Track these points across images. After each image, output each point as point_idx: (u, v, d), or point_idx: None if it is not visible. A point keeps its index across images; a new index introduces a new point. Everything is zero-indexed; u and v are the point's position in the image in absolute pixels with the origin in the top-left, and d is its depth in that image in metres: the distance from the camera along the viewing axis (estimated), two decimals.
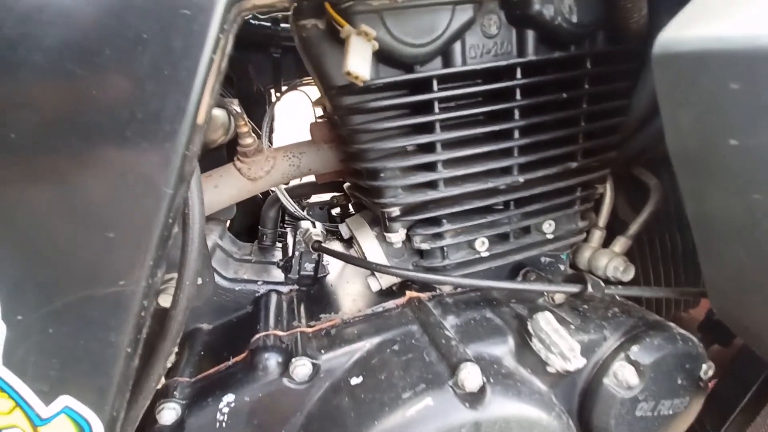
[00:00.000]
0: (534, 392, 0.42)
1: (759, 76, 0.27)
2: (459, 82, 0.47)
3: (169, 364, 0.40)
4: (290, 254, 0.65)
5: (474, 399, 0.39)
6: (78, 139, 0.26)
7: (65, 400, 0.30)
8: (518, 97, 0.47)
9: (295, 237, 0.67)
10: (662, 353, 0.47)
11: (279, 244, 0.78)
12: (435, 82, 0.44)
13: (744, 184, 0.32)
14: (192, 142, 0.28)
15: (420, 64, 0.45)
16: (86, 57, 0.25)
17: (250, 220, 0.95)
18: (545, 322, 0.44)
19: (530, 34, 0.47)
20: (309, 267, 0.64)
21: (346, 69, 0.36)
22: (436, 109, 0.45)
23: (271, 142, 0.90)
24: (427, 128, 0.46)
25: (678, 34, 0.31)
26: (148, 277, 0.29)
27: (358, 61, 0.37)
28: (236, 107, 0.54)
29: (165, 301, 0.46)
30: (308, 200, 0.99)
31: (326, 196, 0.95)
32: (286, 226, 0.90)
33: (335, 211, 0.97)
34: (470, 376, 0.38)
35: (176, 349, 0.42)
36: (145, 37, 0.25)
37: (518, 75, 0.46)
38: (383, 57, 0.44)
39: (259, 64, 0.86)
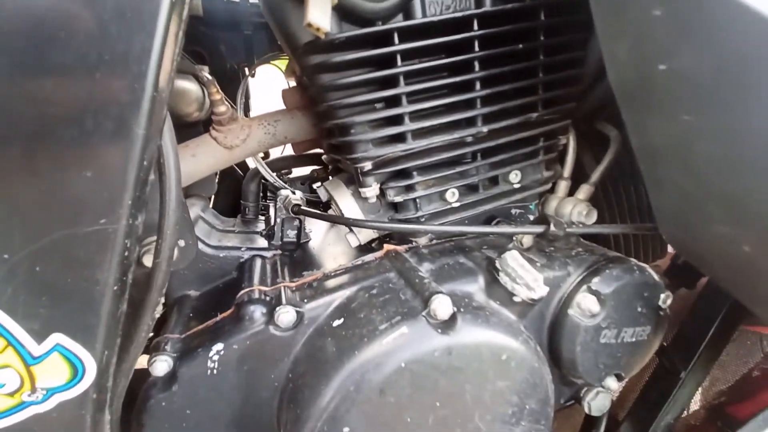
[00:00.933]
0: (502, 320, 0.45)
1: (676, 0, 0.30)
2: (420, 37, 0.49)
3: (157, 315, 0.42)
4: (273, 223, 0.67)
5: (446, 326, 0.42)
6: (51, 81, 0.27)
7: (57, 338, 0.32)
8: (476, 48, 0.49)
9: (276, 206, 0.69)
10: (621, 282, 0.51)
11: (262, 218, 0.79)
12: (396, 36, 0.46)
13: (675, 107, 0.35)
14: (159, 85, 0.30)
15: (382, 20, 0.47)
16: (53, 3, 0.26)
17: (233, 199, 0.96)
18: (512, 258, 0.48)
19: None
20: (291, 233, 0.66)
21: (306, 20, 0.38)
22: (399, 63, 0.47)
23: (246, 115, 0.91)
24: (392, 82, 0.48)
25: None
26: (128, 217, 0.31)
27: (318, 14, 0.39)
28: (207, 75, 0.55)
29: (148, 261, 0.47)
30: (289, 176, 1.00)
31: (307, 171, 0.96)
32: (268, 200, 0.92)
33: (316, 185, 0.99)
34: (441, 306, 0.41)
35: (163, 300, 0.44)
36: None
37: (475, 26, 0.48)
38: (345, 13, 0.45)
39: (231, 42, 0.86)
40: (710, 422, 0.84)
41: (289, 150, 0.81)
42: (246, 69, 0.91)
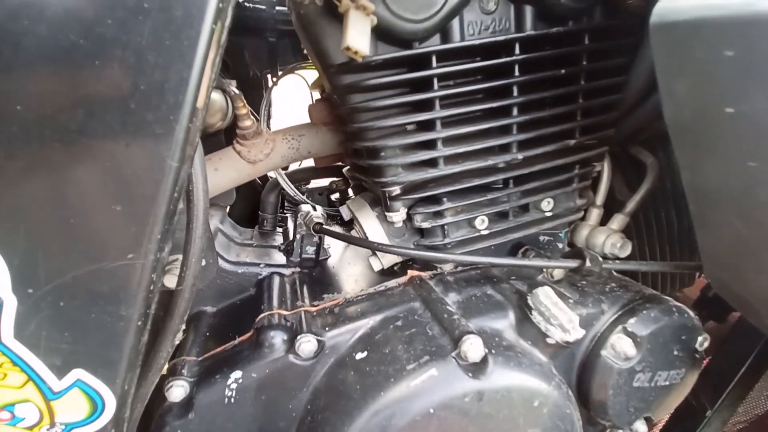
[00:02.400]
0: (534, 363, 0.43)
1: (752, 42, 0.28)
2: (458, 59, 0.47)
3: (177, 341, 0.41)
4: (291, 238, 0.65)
5: (477, 369, 0.40)
6: (83, 113, 0.26)
7: (78, 374, 0.31)
8: (516, 73, 0.47)
9: (295, 221, 0.68)
10: (658, 325, 0.48)
11: (279, 229, 0.78)
12: (434, 58, 0.44)
13: (739, 152, 0.32)
14: (195, 116, 0.28)
15: (419, 41, 0.45)
16: (88, 28, 0.25)
17: (250, 207, 0.95)
18: (545, 295, 0.45)
19: (528, 10, 0.47)
20: (310, 250, 0.64)
21: (345, 44, 0.36)
22: (436, 86, 0.45)
23: (269, 128, 0.89)
24: (427, 106, 0.46)
25: (674, 3, 0.31)
26: (156, 251, 0.30)
27: (357, 36, 0.37)
28: (234, 89, 0.54)
29: (170, 281, 0.46)
30: (307, 186, 0.99)
31: (325, 182, 0.95)
32: (285, 211, 0.90)
33: (335, 196, 0.97)
34: (473, 348, 0.39)
35: (183, 326, 0.42)
36: (146, 6, 0.25)
37: (516, 51, 0.46)
38: (382, 33, 0.43)
39: (255, 49, 0.85)
40: None
41: (307, 161, 0.80)
42: (268, 76, 0.90)
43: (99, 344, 0.31)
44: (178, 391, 0.44)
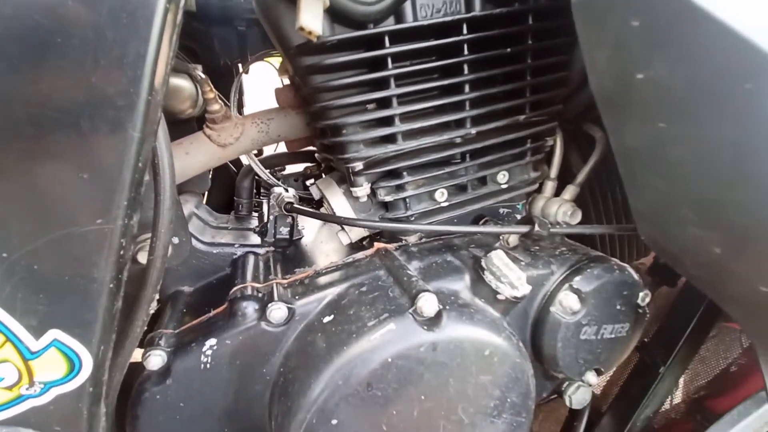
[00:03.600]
0: (486, 317, 0.47)
1: (653, 11, 0.31)
2: (412, 40, 0.50)
3: (151, 311, 0.43)
4: (266, 220, 0.68)
5: (431, 323, 0.43)
6: (48, 85, 0.28)
7: (54, 334, 0.33)
8: (466, 52, 0.50)
9: (269, 203, 0.70)
10: (601, 281, 0.52)
11: (255, 214, 0.80)
12: (387, 39, 0.47)
13: (651, 114, 0.36)
14: (154, 90, 0.31)
15: (373, 23, 0.48)
16: (50, 8, 0.27)
17: (227, 195, 0.97)
18: (497, 257, 0.49)
19: None
20: (284, 230, 0.67)
21: (298, 24, 0.39)
22: (390, 65, 0.48)
23: (240, 113, 0.91)
24: (383, 84, 0.50)
25: None
26: (124, 217, 0.32)
27: (310, 17, 0.40)
28: (200, 73, 0.55)
29: (143, 257, 0.48)
30: (283, 172, 1.01)
31: (300, 168, 0.97)
32: (261, 197, 0.92)
33: (310, 181, 1.00)
34: (427, 303, 0.43)
35: (157, 296, 0.45)
36: None
37: (464, 30, 0.49)
38: (337, 16, 0.46)
39: (224, 38, 0.86)
40: (690, 415, 0.87)
41: (282, 147, 0.82)
42: (239, 65, 0.92)
43: (74, 305, 0.33)
44: (155, 359, 0.47)
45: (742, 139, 0.32)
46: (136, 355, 0.47)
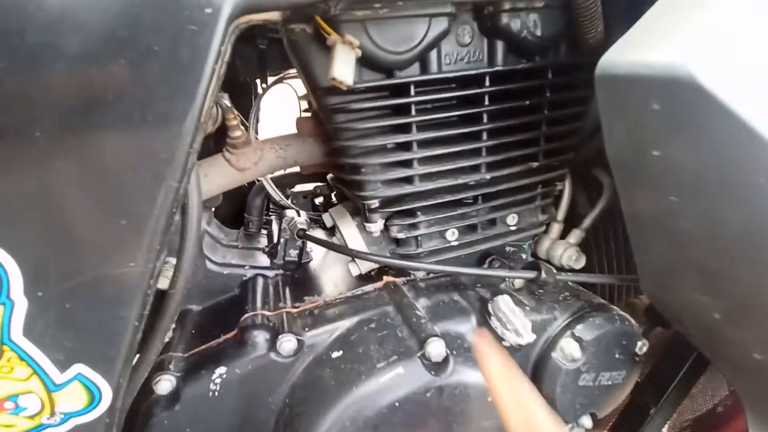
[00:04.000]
0: None
1: (672, 99, 0.33)
2: (435, 86, 0.52)
3: (166, 339, 0.44)
4: (275, 241, 0.69)
5: (439, 368, 0.45)
6: (98, 139, 0.29)
7: (78, 368, 0.34)
8: (486, 102, 0.52)
9: (280, 225, 0.71)
10: (602, 331, 0.54)
11: (264, 231, 0.81)
12: (412, 87, 0.49)
13: (663, 188, 0.38)
14: (195, 140, 0.32)
15: (399, 69, 0.49)
16: (104, 64, 0.28)
17: (236, 207, 0.98)
18: (503, 303, 0.51)
19: (500, 44, 0.52)
20: (293, 253, 0.68)
21: (331, 75, 0.40)
22: (413, 112, 0.50)
23: (256, 132, 0.92)
24: (405, 129, 0.51)
25: (615, 57, 0.37)
26: (155, 260, 0.33)
27: (343, 68, 0.41)
28: (226, 101, 0.57)
29: (163, 283, 0.49)
30: (292, 189, 1.02)
31: (310, 186, 0.98)
32: (270, 213, 0.93)
33: (318, 200, 1.01)
34: (436, 349, 0.44)
35: (173, 325, 0.46)
36: (156, 49, 0.29)
37: (487, 83, 0.51)
38: (366, 62, 0.48)
39: (245, 55, 0.88)
40: None
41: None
42: (258, 82, 0.93)
43: (99, 342, 0.34)
44: (165, 384, 0.48)
45: (750, 221, 0.34)
46: None
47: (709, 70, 0.31)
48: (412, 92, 0.49)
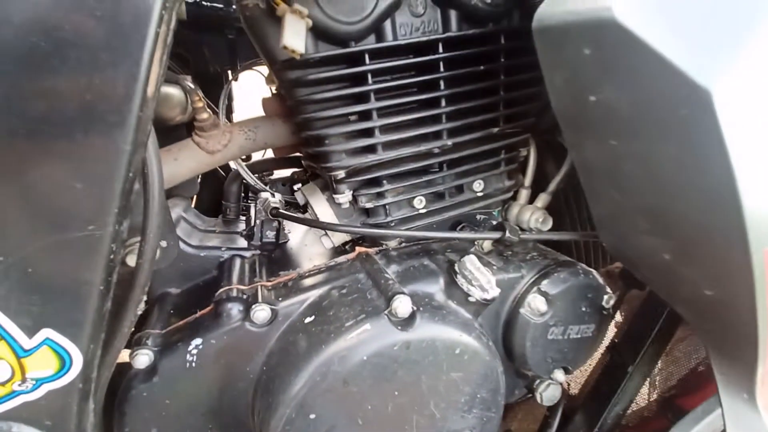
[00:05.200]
0: (458, 318, 0.50)
1: (601, 41, 0.35)
2: (392, 56, 0.53)
3: (139, 311, 0.45)
4: (252, 224, 0.70)
5: (405, 323, 0.46)
6: (45, 103, 0.30)
7: (46, 333, 0.35)
8: (442, 69, 0.53)
9: (256, 208, 0.72)
10: (567, 284, 0.56)
11: (243, 218, 0.82)
12: (367, 56, 0.50)
13: (603, 132, 0.40)
14: (145, 106, 0.33)
15: (355, 41, 0.51)
16: (49, 32, 0.29)
17: (215, 199, 0.99)
18: (469, 262, 0.52)
19: (453, 14, 0.54)
20: (270, 234, 0.69)
21: (282, 44, 0.42)
22: (370, 81, 0.51)
23: (230, 119, 0.93)
24: (364, 98, 0.53)
25: (548, 9, 0.39)
26: (115, 224, 0.35)
27: (293, 37, 0.42)
28: (189, 83, 0.58)
29: (132, 260, 0.50)
30: (270, 177, 1.03)
31: (288, 173, 0.99)
32: (249, 201, 0.94)
33: (297, 186, 1.02)
34: (402, 305, 0.46)
35: (145, 297, 0.47)
36: (98, 14, 0.30)
37: (440, 49, 0.52)
38: (320, 34, 0.49)
39: (214, 46, 0.89)
40: (662, 414, 0.91)
41: (270, 153, 0.85)
42: (229, 72, 0.94)
43: (65, 306, 0.35)
44: (142, 358, 0.49)
45: (683, 158, 0.36)
46: (124, 355, 0.49)
47: (630, 12, 0.33)
48: (367, 61, 0.50)
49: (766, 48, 0.31)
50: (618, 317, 1.00)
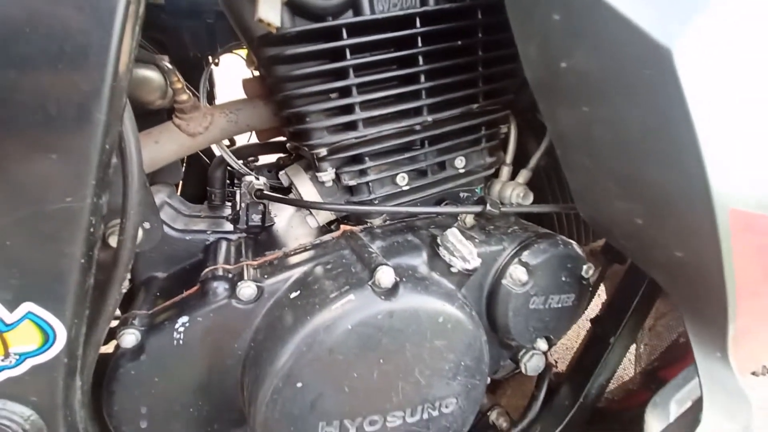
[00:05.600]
0: (440, 288, 0.51)
1: (570, 5, 0.36)
2: (369, 32, 0.53)
3: (123, 290, 0.45)
4: (238, 208, 0.70)
5: (389, 293, 0.47)
6: (17, 72, 0.30)
7: (28, 306, 0.35)
8: (420, 44, 0.54)
9: (241, 191, 0.72)
10: (547, 255, 0.58)
11: (228, 203, 0.82)
12: (344, 30, 0.50)
13: (575, 99, 0.41)
14: (118, 75, 0.33)
15: (332, 16, 0.51)
16: (18, 1, 0.29)
17: (200, 187, 0.98)
18: (451, 235, 0.54)
19: None
20: (256, 218, 0.69)
21: (257, 17, 0.42)
22: (348, 56, 0.51)
23: (211, 103, 0.93)
24: (343, 74, 0.53)
25: None
26: (93, 196, 0.35)
27: (268, 10, 0.42)
28: (167, 63, 0.57)
29: (114, 241, 0.50)
30: (256, 163, 1.03)
31: (273, 159, 0.99)
32: (234, 187, 0.94)
33: (282, 172, 1.02)
34: (385, 276, 0.47)
35: (129, 276, 0.47)
36: None
37: (418, 24, 0.53)
38: (297, 9, 0.49)
39: (194, 31, 0.88)
40: (645, 386, 0.94)
41: (255, 138, 0.84)
42: (209, 57, 0.93)
43: (46, 279, 0.35)
44: (129, 338, 0.49)
45: (647, 120, 0.37)
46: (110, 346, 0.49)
47: None
48: (345, 36, 0.50)
49: (725, 7, 0.32)
50: (602, 293, 1.02)
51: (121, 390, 0.49)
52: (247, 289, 0.51)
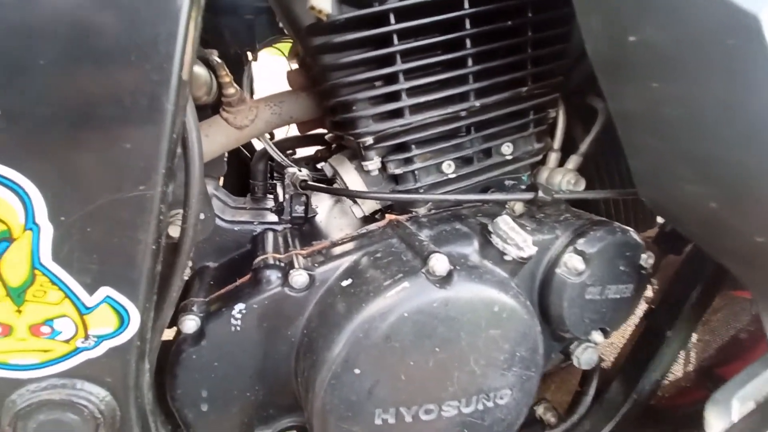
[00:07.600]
0: (495, 277, 0.50)
1: None
2: (416, 16, 0.52)
3: (186, 277, 0.47)
4: (281, 199, 0.71)
5: (443, 281, 0.47)
6: (93, 66, 0.32)
7: (106, 291, 0.37)
8: (468, 26, 0.52)
9: (283, 183, 0.74)
10: (604, 242, 0.55)
11: (270, 196, 0.84)
12: (392, 15, 0.50)
13: (644, 75, 0.38)
14: (184, 65, 0.34)
15: (378, 2, 0.50)
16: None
17: (241, 181, 1.01)
18: (503, 222, 0.52)
19: None
20: (299, 209, 0.70)
21: (309, 4, 0.42)
22: (395, 42, 0.51)
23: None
24: (389, 60, 0.52)
25: None
26: (162, 184, 0.36)
27: None
28: (216, 58, 0.59)
29: (174, 231, 0.52)
30: (294, 156, 1.04)
31: (311, 151, 1.00)
32: (275, 180, 0.96)
33: (321, 164, 1.03)
34: (439, 263, 0.46)
35: (191, 263, 0.49)
36: None
37: (466, 5, 0.51)
38: None
39: (233, 28, 0.89)
40: (700, 383, 0.89)
41: (293, 130, 0.85)
42: (248, 53, 0.94)
43: (121, 265, 0.37)
44: (190, 323, 0.51)
45: (729, 95, 0.34)
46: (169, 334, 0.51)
47: None
48: (392, 21, 0.50)
49: None
50: (654, 284, 0.97)
51: (184, 374, 0.51)
52: (299, 277, 0.52)
